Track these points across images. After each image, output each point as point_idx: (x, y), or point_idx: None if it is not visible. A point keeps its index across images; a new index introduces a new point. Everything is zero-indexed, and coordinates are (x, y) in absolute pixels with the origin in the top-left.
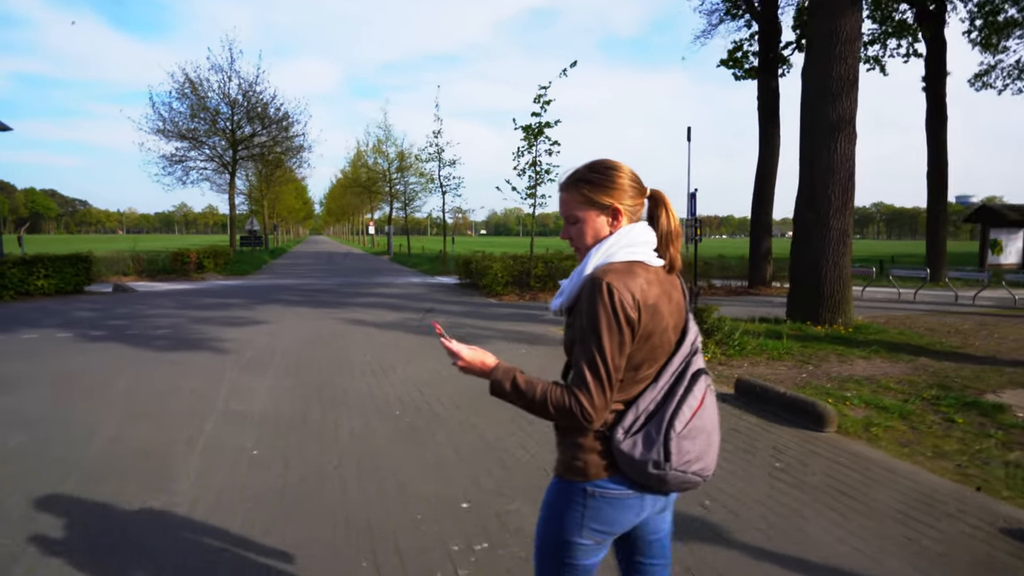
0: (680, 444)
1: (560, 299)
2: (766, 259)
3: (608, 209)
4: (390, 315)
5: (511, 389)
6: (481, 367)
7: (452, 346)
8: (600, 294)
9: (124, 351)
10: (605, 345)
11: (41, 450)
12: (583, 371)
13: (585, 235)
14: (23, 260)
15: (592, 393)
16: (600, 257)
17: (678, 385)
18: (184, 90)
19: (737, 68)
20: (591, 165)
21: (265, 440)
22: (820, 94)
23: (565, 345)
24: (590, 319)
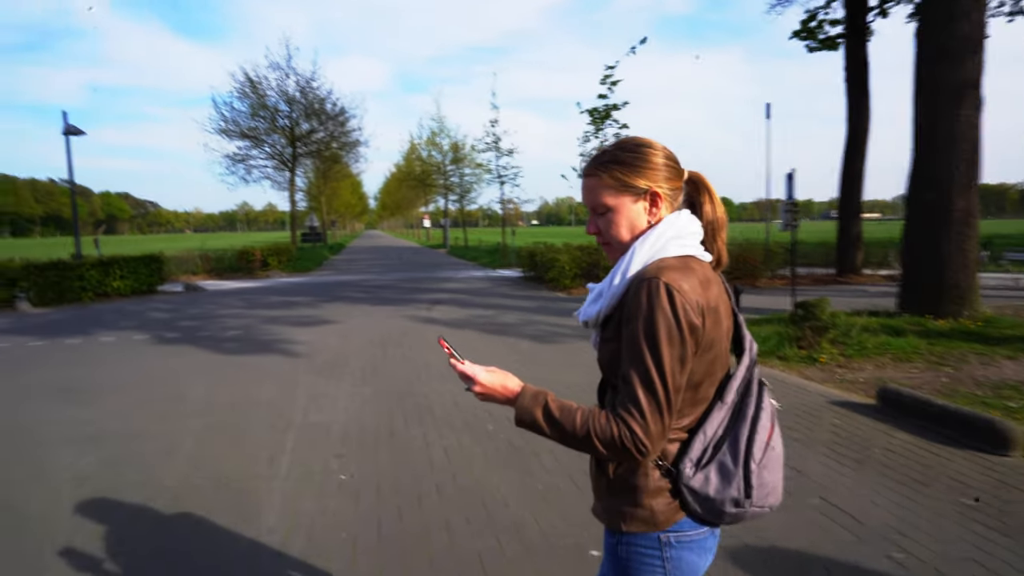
0: (761, 475)
1: (596, 306)
2: (856, 244)
3: (645, 194)
4: (458, 312)
5: (543, 418)
6: (503, 392)
7: (466, 369)
8: (657, 296)
9: (198, 355)
10: (664, 359)
11: (119, 472)
12: (636, 391)
13: (619, 227)
14: (100, 262)
15: (647, 418)
16: (647, 252)
17: (746, 403)
18: (244, 89)
19: (811, 39)
20: (619, 144)
21: (351, 460)
22: (940, 56)
23: (601, 362)
24: (646, 327)
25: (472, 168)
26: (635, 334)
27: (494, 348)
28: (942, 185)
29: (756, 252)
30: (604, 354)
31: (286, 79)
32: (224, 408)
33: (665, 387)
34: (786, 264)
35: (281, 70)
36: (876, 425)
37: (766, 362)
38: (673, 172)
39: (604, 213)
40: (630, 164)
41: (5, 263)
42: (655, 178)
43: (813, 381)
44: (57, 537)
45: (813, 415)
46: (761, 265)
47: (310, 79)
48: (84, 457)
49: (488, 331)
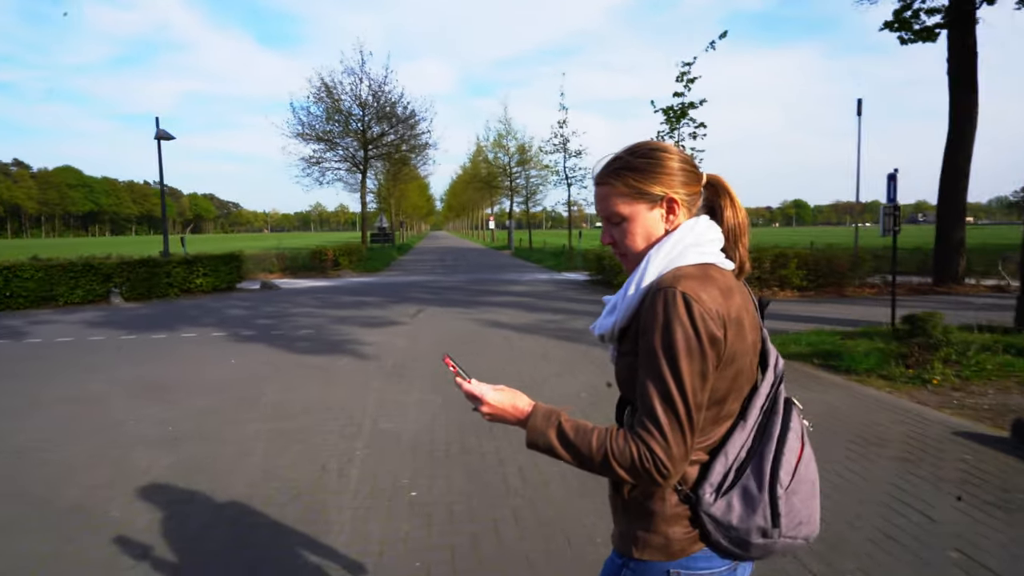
0: (790, 502)
1: (611, 319)
2: (958, 251)
3: (661, 200)
4: (525, 316)
5: (557, 440)
6: (513, 413)
7: (473, 388)
8: (675, 308)
9: (271, 354)
10: (684, 374)
11: (191, 476)
12: (655, 410)
13: (634, 236)
14: (185, 260)
15: (668, 439)
16: (663, 260)
17: (771, 421)
18: (320, 94)
19: (904, 30)
20: (632, 149)
21: (422, 475)
22: None
23: (619, 378)
24: (664, 341)
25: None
26: (652, 347)
27: (567, 355)
28: None
29: (843, 258)
30: (621, 369)
31: (359, 84)
32: (296, 412)
33: (686, 404)
34: (876, 271)
35: (355, 75)
36: (1015, 464)
37: (867, 382)
38: (690, 176)
39: (619, 223)
40: (644, 170)
41: (101, 260)
42: (671, 183)
43: (927, 406)
44: (131, 546)
45: (936, 448)
46: (849, 272)
47: (382, 83)
48: (161, 460)
49: (559, 337)
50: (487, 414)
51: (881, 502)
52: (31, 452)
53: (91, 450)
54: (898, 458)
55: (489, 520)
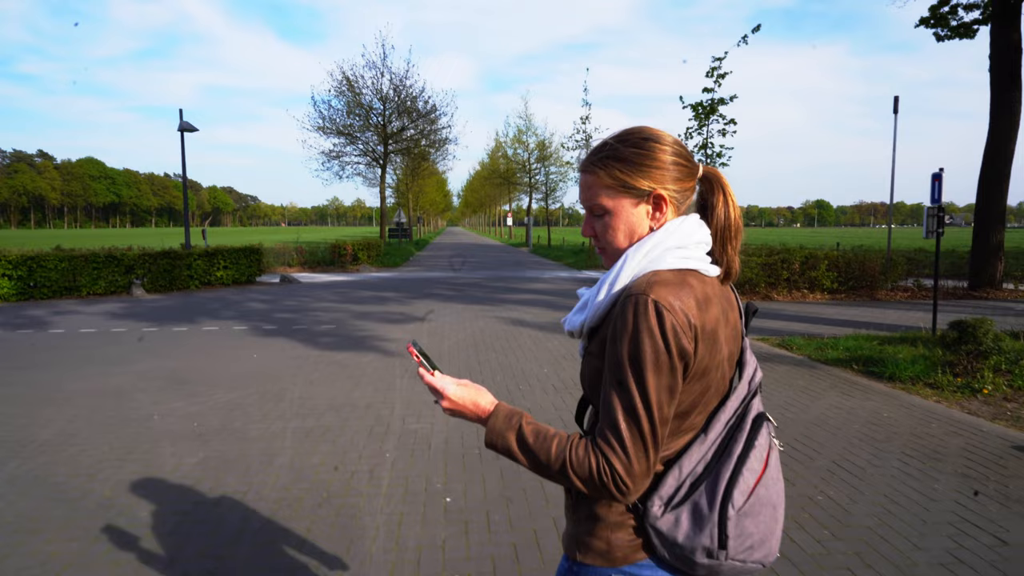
0: (741, 524)
1: (580, 317)
2: (997, 255)
3: (648, 196)
4: (549, 315)
5: (516, 443)
6: (474, 410)
7: (434, 381)
8: (645, 316)
9: (294, 349)
10: (650, 388)
11: (220, 475)
12: (618, 423)
13: (616, 232)
14: (206, 252)
15: (630, 454)
16: (640, 263)
17: (735, 439)
18: (341, 88)
19: (941, 26)
20: (622, 136)
21: (455, 479)
22: None
23: (582, 377)
24: (631, 351)
25: (558, 166)
26: (619, 357)
27: None
28: None
29: (875, 261)
30: (586, 369)
31: (381, 78)
32: (322, 410)
33: (651, 419)
34: (908, 275)
35: (376, 69)
36: None
37: (912, 390)
38: (683, 171)
39: (601, 215)
40: (632, 161)
41: (123, 251)
42: (661, 178)
43: (981, 417)
44: (161, 549)
45: (998, 464)
46: (880, 276)
47: (404, 77)
48: (189, 456)
49: None
50: (447, 409)
51: (946, 521)
52: (57, 447)
53: (118, 445)
54: (959, 474)
55: (529, 530)
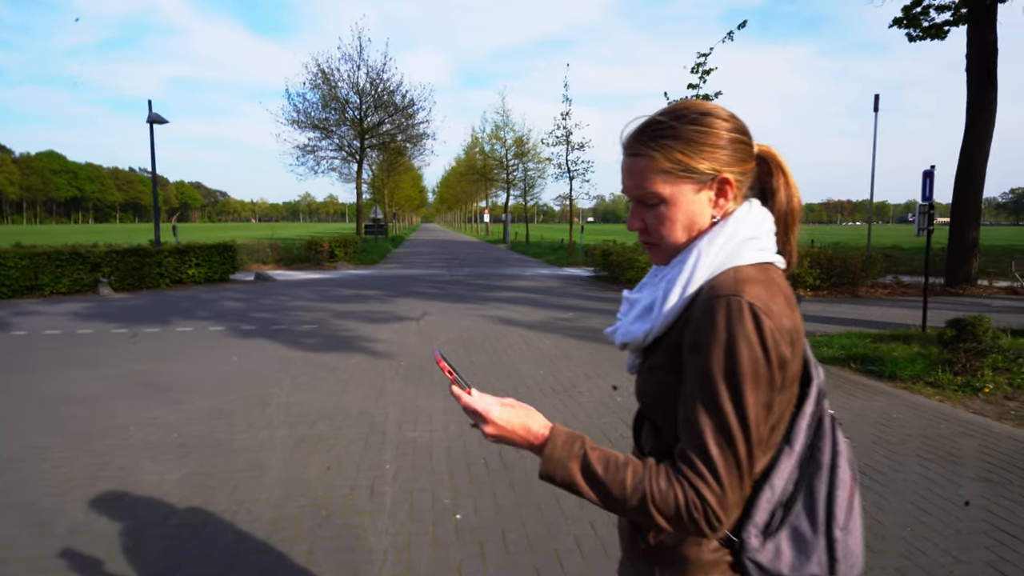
0: (846, 544)
1: (645, 326)
2: (972, 252)
3: (711, 181)
4: (537, 313)
5: (581, 474)
6: (524, 436)
7: (474, 402)
8: (740, 321)
9: (275, 351)
10: (747, 405)
11: (207, 492)
12: (708, 448)
13: (673, 223)
14: (177, 249)
15: (723, 484)
16: (716, 258)
17: (818, 447)
18: (316, 81)
19: (913, 27)
20: (676, 111)
21: (463, 494)
22: None
23: (642, 394)
24: (725, 362)
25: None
26: (708, 369)
27: (589, 356)
28: None
29: (857, 258)
30: (648, 385)
31: (357, 71)
32: (313, 417)
33: (747, 441)
34: (887, 272)
35: (353, 62)
36: None
37: (914, 389)
38: (745, 151)
39: (655, 205)
40: (694, 140)
41: (89, 248)
42: (723, 159)
43: (987, 417)
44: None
45: (1018, 468)
46: (861, 273)
47: (381, 71)
48: (171, 472)
49: (576, 336)
50: (491, 435)
51: (981, 531)
52: (26, 461)
53: (92, 459)
54: (982, 479)
55: (550, 550)
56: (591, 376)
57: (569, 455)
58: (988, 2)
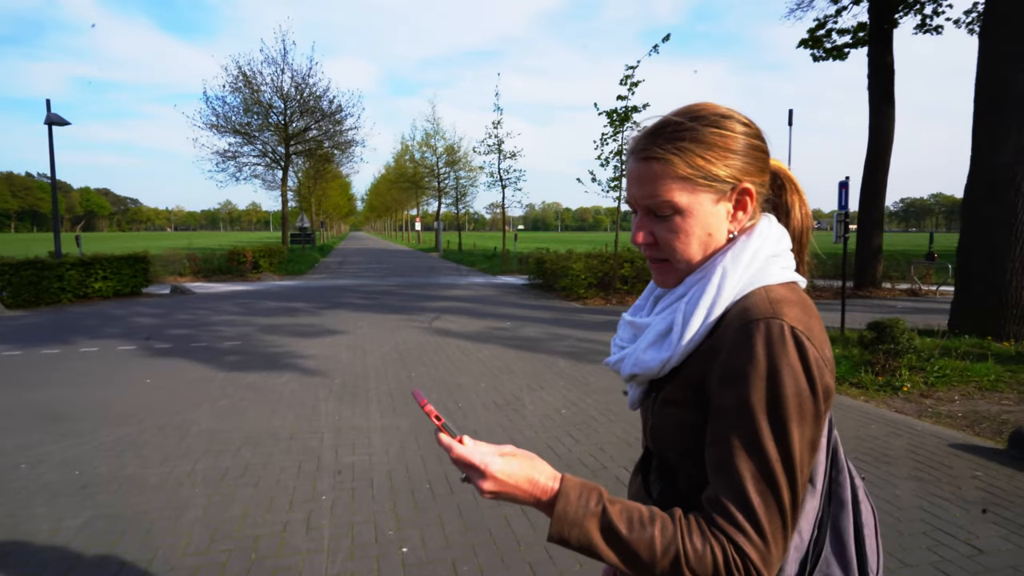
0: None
1: (663, 354)
2: (877, 257)
3: (731, 191)
4: (475, 324)
5: (599, 534)
6: (530, 489)
7: (468, 453)
8: (783, 348)
9: (195, 371)
10: (793, 444)
11: (113, 541)
12: (748, 497)
13: (688, 237)
14: (82, 261)
15: (767, 537)
16: (743, 276)
17: (838, 482)
18: (237, 84)
19: (817, 48)
20: (691, 112)
21: (409, 524)
22: (1007, 60)
23: (656, 431)
24: (768, 396)
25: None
26: (746, 404)
27: (531, 367)
28: (1006, 198)
29: None
30: (663, 422)
31: (281, 75)
32: (237, 444)
33: (792, 486)
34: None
35: (277, 65)
36: (1015, 475)
37: (840, 390)
38: (763, 160)
39: (668, 216)
40: (714, 144)
41: None
42: (744, 168)
43: (908, 415)
44: None
45: (944, 464)
46: None
47: (306, 75)
48: (72, 517)
49: (515, 347)
50: (489, 492)
51: (921, 532)
52: None
53: None
54: (914, 478)
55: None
56: (534, 388)
57: (586, 512)
58: (885, 27)
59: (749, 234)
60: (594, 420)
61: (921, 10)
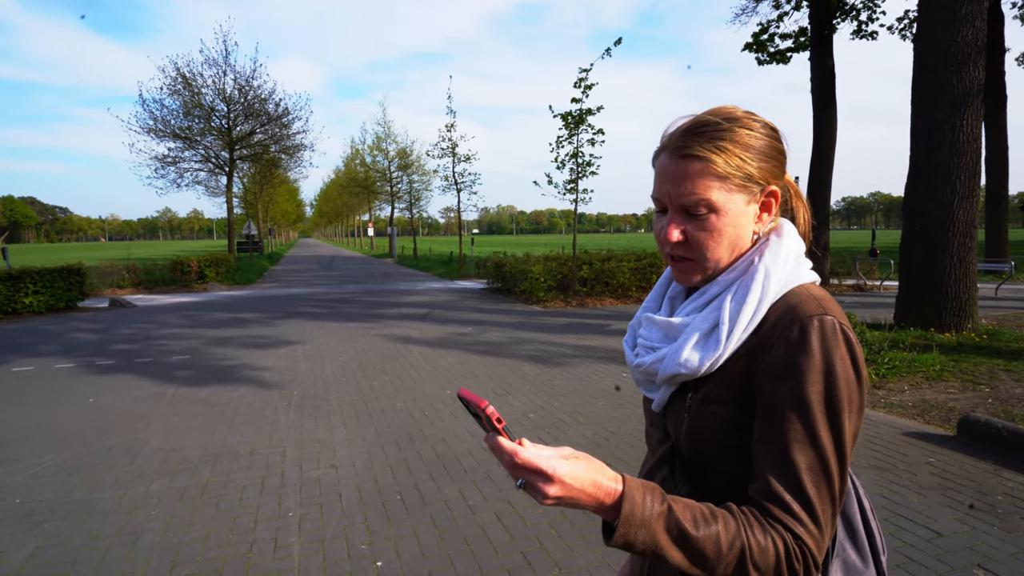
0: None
1: (709, 352)
2: (824, 254)
3: (760, 192)
4: (436, 330)
5: (667, 533)
6: (594, 493)
7: (535, 458)
8: (836, 344)
9: (143, 387)
10: (845, 435)
11: (66, 570)
12: (803, 486)
13: (720, 237)
14: (9, 275)
15: (822, 525)
16: (783, 274)
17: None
18: (176, 86)
19: (761, 52)
20: (724, 113)
21: (381, 537)
22: (941, 64)
23: (692, 433)
24: (824, 390)
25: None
26: (803, 398)
27: (494, 371)
28: (943, 197)
29: None
30: (704, 421)
31: (223, 76)
32: (194, 463)
33: (842, 475)
34: None
35: (218, 67)
36: (975, 463)
37: None
38: (784, 164)
39: (702, 215)
40: (750, 146)
41: None
42: (772, 170)
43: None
44: None
45: (899, 452)
46: None
47: (250, 77)
48: (15, 548)
49: (478, 352)
50: (553, 498)
51: (883, 519)
52: None
53: None
54: (872, 466)
55: None
56: (500, 393)
57: (652, 513)
58: (825, 32)
59: (778, 234)
60: (562, 423)
61: (857, 16)
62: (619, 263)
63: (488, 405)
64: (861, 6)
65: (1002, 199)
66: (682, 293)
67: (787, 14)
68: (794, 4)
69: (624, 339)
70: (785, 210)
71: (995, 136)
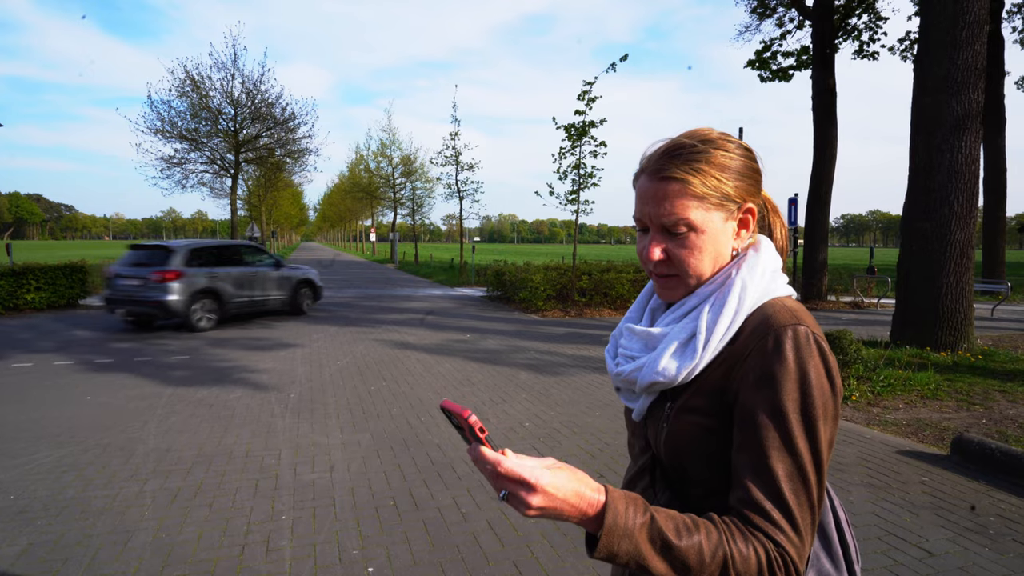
0: None
1: (688, 361)
2: (822, 271)
3: (738, 210)
4: (434, 336)
5: (650, 544)
6: (577, 503)
7: (518, 468)
8: (810, 354)
9: (140, 387)
10: (821, 443)
11: (58, 568)
12: (783, 494)
13: (702, 254)
14: (12, 271)
15: (802, 532)
16: (759, 287)
17: None
18: (184, 88)
19: (763, 69)
20: (699, 135)
21: (374, 542)
22: (941, 86)
23: (671, 442)
24: (800, 398)
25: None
26: (779, 406)
27: (491, 379)
28: (941, 216)
29: None
30: (682, 429)
31: (231, 80)
32: (189, 464)
33: (820, 483)
34: None
35: (227, 70)
36: (967, 483)
37: None
38: (759, 182)
39: (682, 234)
40: (726, 167)
41: None
42: (747, 189)
43: (858, 424)
44: None
45: (893, 471)
46: None
47: (258, 81)
48: (8, 545)
49: (476, 359)
50: (536, 508)
51: (875, 537)
52: None
53: None
54: (866, 484)
55: None
56: (496, 401)
57: (635, 523)
58: (827, 51)
59: (756, 249)
60: (557, 432)
61: (859, 37)
62: (619, 274)
63: (471, 414)
64: (863, 27)
65: (1000, 220)
66: (663, 305)
67: (790, 33)
68: (797, 23)
69: (606, 348)
70: (763, 226)
71: (993, 158)
